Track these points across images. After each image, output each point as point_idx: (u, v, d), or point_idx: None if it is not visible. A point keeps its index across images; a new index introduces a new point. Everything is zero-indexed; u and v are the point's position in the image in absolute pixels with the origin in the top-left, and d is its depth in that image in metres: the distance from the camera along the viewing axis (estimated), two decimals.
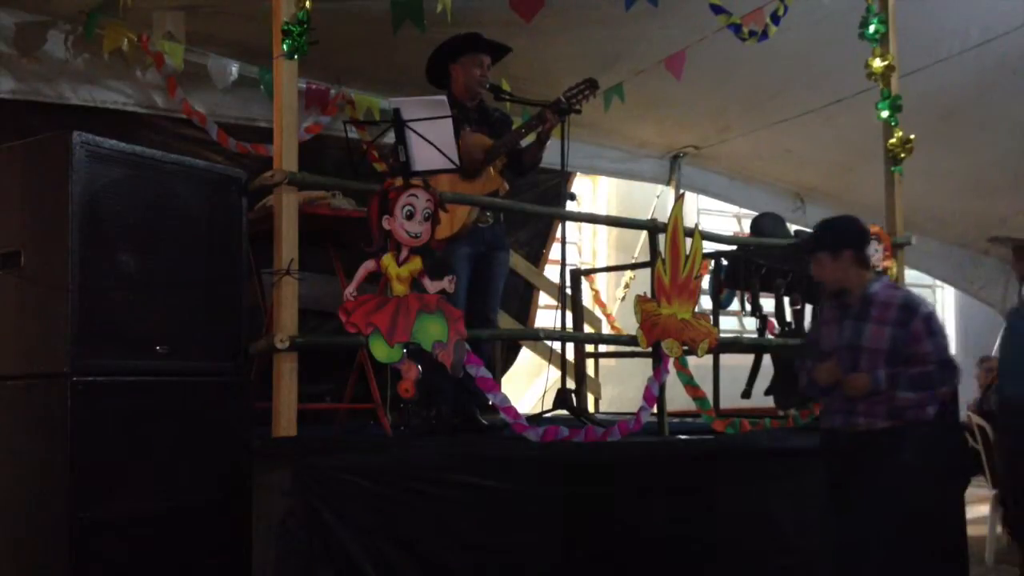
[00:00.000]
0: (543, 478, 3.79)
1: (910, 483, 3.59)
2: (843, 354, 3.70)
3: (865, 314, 3.72)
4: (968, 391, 6.91)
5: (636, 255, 7.24)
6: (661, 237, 4.49)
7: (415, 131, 3.58)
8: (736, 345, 5.52)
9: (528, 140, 4.49)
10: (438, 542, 3.53)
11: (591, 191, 8.31)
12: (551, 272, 6.78)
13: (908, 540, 3.61)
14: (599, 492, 3.90)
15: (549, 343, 6.21)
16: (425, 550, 3.50)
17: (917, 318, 3.65)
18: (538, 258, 6.95)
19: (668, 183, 7.40)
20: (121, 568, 2.97)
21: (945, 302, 10.95)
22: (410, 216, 3.56)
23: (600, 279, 7.74)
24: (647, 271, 4.48)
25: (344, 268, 4.26)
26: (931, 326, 3.67)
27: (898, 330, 3.64)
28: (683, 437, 4.45)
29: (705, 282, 5.06)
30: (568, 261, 4.95)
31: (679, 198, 4.69)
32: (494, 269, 4.49)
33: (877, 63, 5.04)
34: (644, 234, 5.28)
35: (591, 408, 6.09)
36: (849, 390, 3.64)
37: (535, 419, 4.40)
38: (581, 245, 8.31)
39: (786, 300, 5.59)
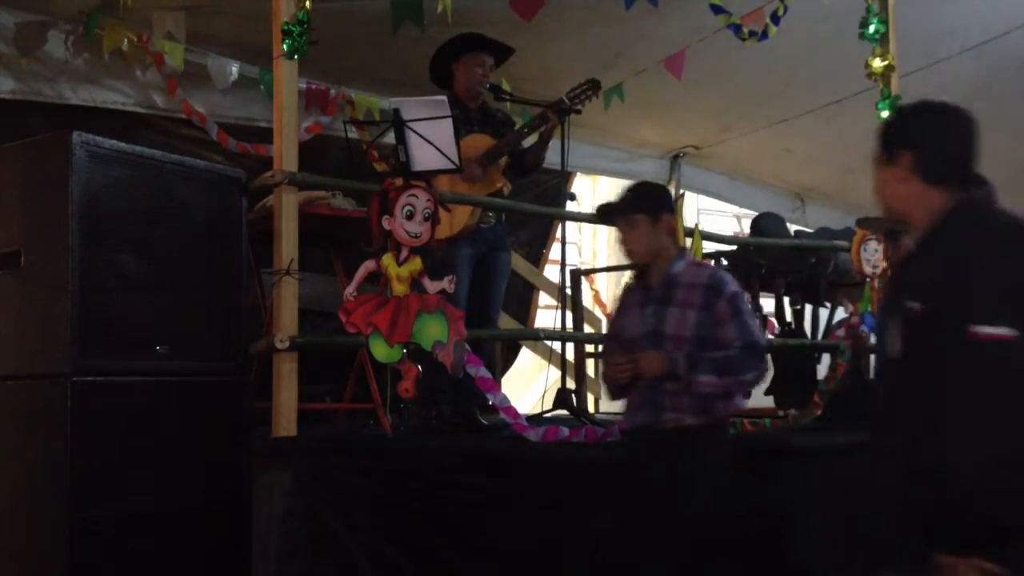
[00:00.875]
0: (543, 478, 3.79)
1: (715, 484, 3.22)
2: (645, 343, 3.27)
3: (668, 297, 3.28)
4: None
5: None
6: None
7: (415, 131, 3.58)
8: None
9: (530, 140, 4.50)
10: (438, 542, 3.53)
11: (591, 191, 8.31)
12: (551, 272, 6.78)
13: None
14: (599, 492, 3.89)
15: (549, 343, 6.21)
16: (425, 550, 3.50)
17: (722, 299, 3.26)
18: (538, 258, 6.95)
19: (668, 183, 7.40)
20: (121, 568, 2.97)
21: None
22: (410, 216, 3.56)
23: (600, 279, 7.75)
24: None
25: (344, 268, 4.26)
26: (737, 306, 3.28)
27: (703, 314, 3.24)
28: None
29: None
30: (568, 261, 4.96)
31: (679, 198, 4.69)
32: (496, 270, 4.50)
33: (877, 63, 5.04)
34: None
35: (591, 408, 6.10)
36: (644, 370, 3.21)
37: (535, 419, 4.40)
38: (581, 245, 8.31)
39: (786, 300, 5.60)
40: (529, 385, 7.19)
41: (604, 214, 3.55)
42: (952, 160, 2.36)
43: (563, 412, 4.83)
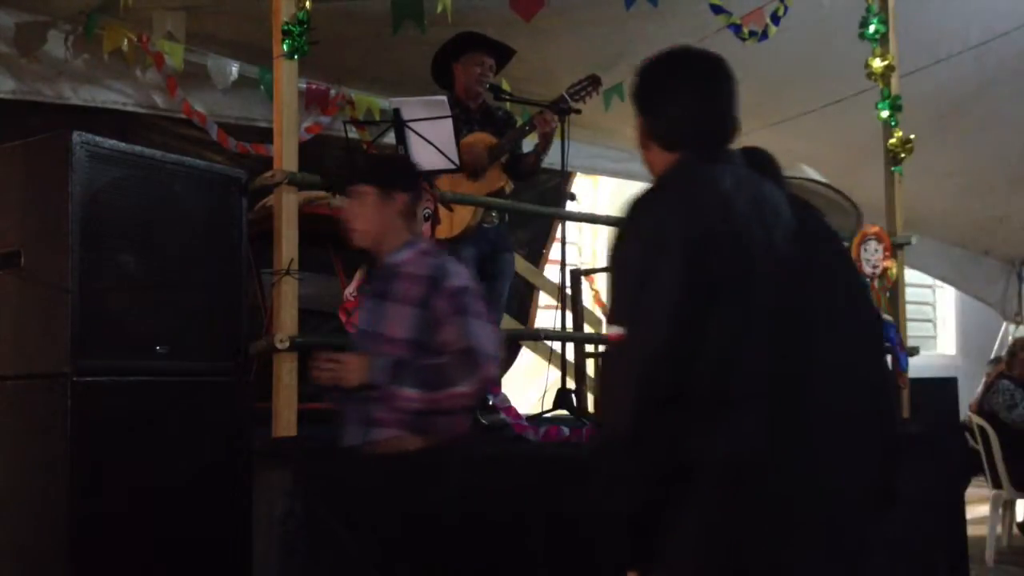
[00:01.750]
0: (543, 478, 3.79)
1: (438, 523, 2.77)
2: (361, 344, 2.85)
3: (386, 291, 2.86)
4: (969, 390, 6.92)
5: None
6: None
7: (415, 131, 3.58)
8: None
9: (530, 143, 4.50)
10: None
11: (591, 191, 8.30)
12: (551, 272, 6.78)
13: None
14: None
15: (549, 343, 6.21)
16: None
17: (442, 294, 2.77)
18: (538, 258, 6.95)
19: None
20: (121, 568, 2.97)
21: (945, 302, 10.95)
22: None
23: (600, 279, 7.73)
24: None
25: (344, 268, 4.26)
26: (459, 304, 2.78)
27: (421, 312, 2.78)
28: None
29: None
30: (568, 261, 4.95)
31: None
32: (500, 271, 4.50)
33: (877, 63, 5.04)
34: None
35: (591, 408, 6.09)
36: (342, 376, 2.77)
37: (535, 419, 4.40)
38: (581, 245, 8.31)
39: None
40: (529, 385, 7.19)
41: (333, 181, 3.15)
42: (684, 122, 2.11)
43: (563, 412, 4.83)
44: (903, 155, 5.14)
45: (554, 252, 6.90)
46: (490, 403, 4.03)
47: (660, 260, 1.81)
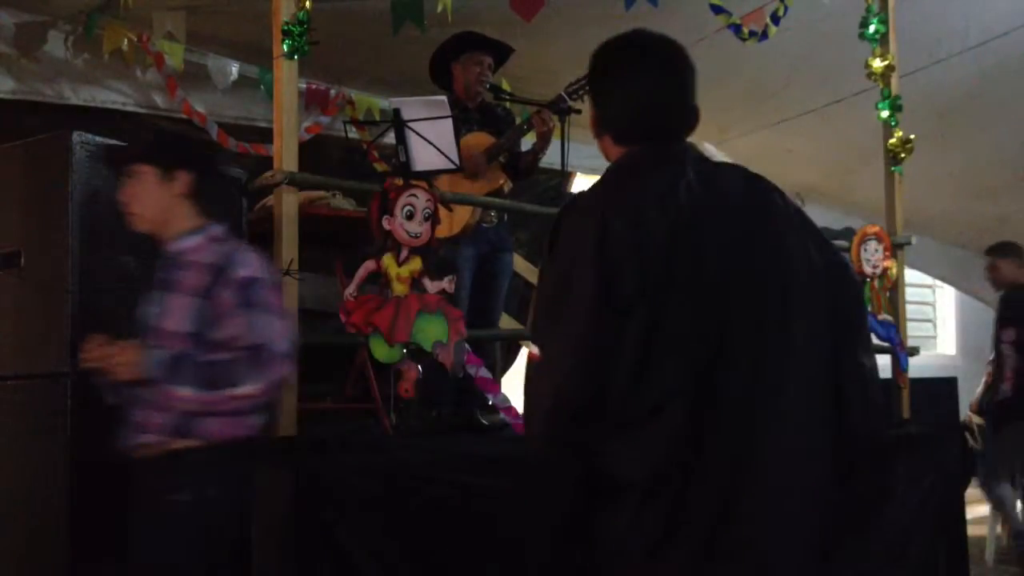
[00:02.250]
0: (543, 478, 3.78)
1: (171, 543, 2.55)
2: (145, 338, 2.57)
3: (169, 281, 2.58)
4: (969, 390, 6.92)
5: None
6: None
7: (415, 131, 3.58)
8: None
9: (529, 142, 4.50)
10: (437, 542, 3.53)
11: None
12: None
13: None
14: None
15: None
16: (424, 550, 3.49)
17: (227, 284, 2.48)
18: (538, 258, 6.94)
19: None
20: (121, 568, 2.97)
21: (945, 302, 10.95)
22: (410, 216, 3.56)
23: None
24: None
25: (344, 268, 4.26)
26: (249, 296, 2.49)
27: (204, 303, 2.50)
28: None
29: None
30: None
31: None
32: (499, 271, 4.50)
33: (877, 63, 5.04)
34: None
35: None
36: (112, 369, 2.47)
37: None
38: None
39: None
40: None
41: (108, 161, 2.92)
42: (633, 112, 2.02)
43: None
44: (903, 155, 5.13)
45: None
46: (490, 403, 4.04)
47: (576, 273, 1.77)
